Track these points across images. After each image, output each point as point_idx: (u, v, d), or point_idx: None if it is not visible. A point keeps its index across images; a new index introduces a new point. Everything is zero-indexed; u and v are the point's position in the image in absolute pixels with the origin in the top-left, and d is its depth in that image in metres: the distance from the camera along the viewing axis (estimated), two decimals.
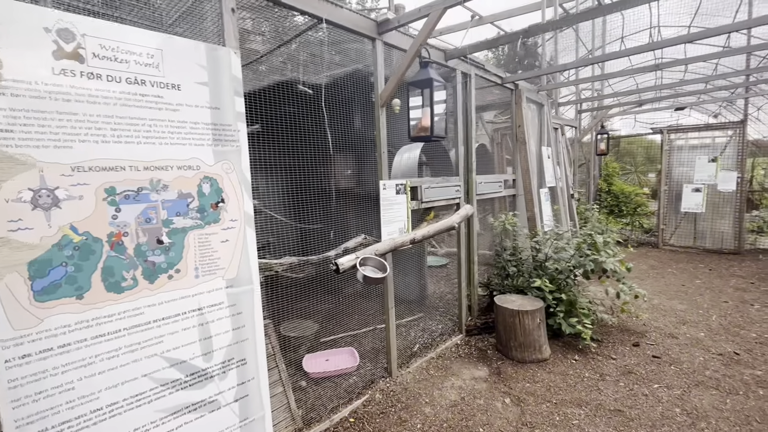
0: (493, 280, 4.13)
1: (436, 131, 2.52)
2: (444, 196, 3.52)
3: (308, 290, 3.32)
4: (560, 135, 6.17)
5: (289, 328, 3.39)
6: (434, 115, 2.49)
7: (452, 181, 3.63)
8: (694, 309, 4.71)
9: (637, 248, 8.12)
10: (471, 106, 3.88)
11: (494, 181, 4.33)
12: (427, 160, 4.07)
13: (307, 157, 3.35)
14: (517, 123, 4.76)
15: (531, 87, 5.09)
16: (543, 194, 5.04)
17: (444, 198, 3.52)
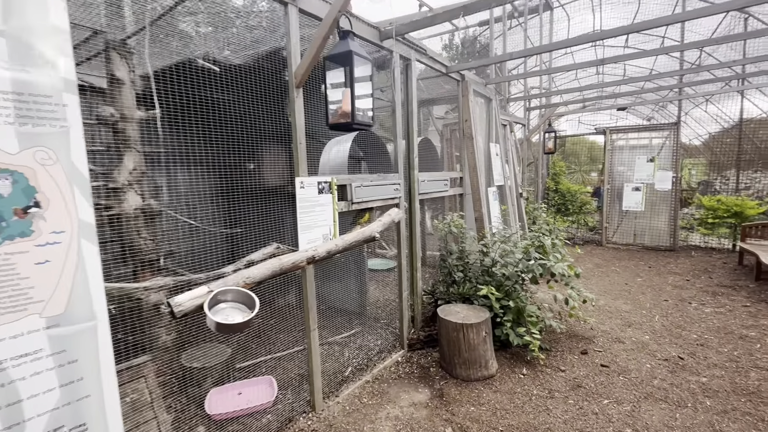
0: (439, 287, 3.77)
1: (358, 118, 2.07)
2: (380, 196, 3.08)
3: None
4: (509, 132, 5.99)
5: (193, 357, 2.79)
6: (355, 98, 2.03)
7: (390, 179, 3.21)
8: (637, 309, 4.66)
9: (583, 246, 8.25)
10: (412, 95, 3.47)
11: (439, 179, 3.97)
12: (362, 154, 3.62)
13: (216, 148, 2.77)
14: (464, 117, 4.45)
15: (479, 80, 4.81)
16: (491, 193, 4.79)
17: (380, 198, 3.08)
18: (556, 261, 3.33)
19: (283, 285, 3.19)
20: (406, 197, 3.57)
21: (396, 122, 3.28)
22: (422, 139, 4.36)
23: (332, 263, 3.50)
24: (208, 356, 2.85)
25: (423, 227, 4.99)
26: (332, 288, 3.77)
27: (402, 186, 3.34)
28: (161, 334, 2.10)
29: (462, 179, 4.57)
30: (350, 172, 3.36)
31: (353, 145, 3.20)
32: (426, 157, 4.49)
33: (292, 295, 3.62)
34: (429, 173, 3.81)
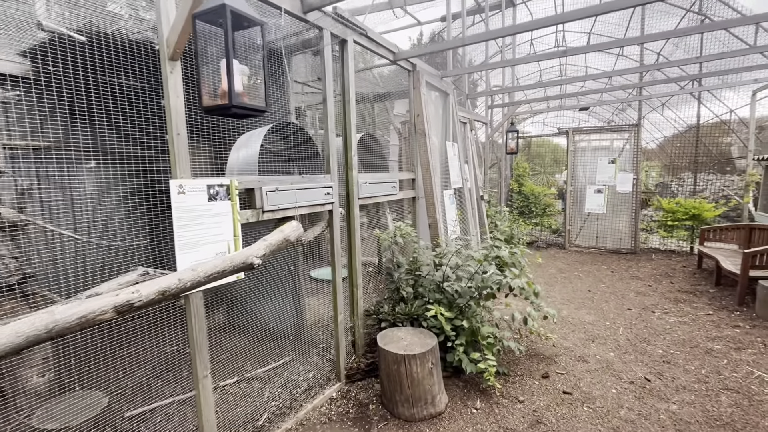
0: (383, 306, 3.27)
1: (237, 99, 1.52)
2: (306, 201, 2.54)
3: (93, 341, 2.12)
4: (469, 131, 5.60)
5: (52, 413, 2.14)
6: (232, 72, 1.48)
7: (319, 181, 2.67)
8: (601, 320, 4.37)
9: (546, 249, 8.04)
10: (349, 83, 2.96)
11: (386, 181, 3.47)
12: (282, 151, 3.06)
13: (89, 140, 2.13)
14: (416, 111, 3.98)
15: (433, 71, 4.36)
16: (447, 197, 4.35)
17: (306, 203, 2.54)
18: (514, 276, 2.91)
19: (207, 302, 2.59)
20: (343, 202, 3.05)
21: (327, 115, 2.74)
22: (364, 136, 3.86)
23: (257, 275, 2.92)
24: (75, 409, 2.20)
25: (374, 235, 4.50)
26: (257, 307, 3.18)
27: (335, 189, 2.81)
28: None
29: (414, 181, 4.10)
30: (275, 173, 2.79)
31: (277, 141, 2.64)
32: (371, 156, 3.99)
33: (221, 311, 3.02)
34: (372, 174, 3.31)
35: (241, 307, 2.96)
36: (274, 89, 3.07)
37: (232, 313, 2.92)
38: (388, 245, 3.20)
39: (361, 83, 5.09)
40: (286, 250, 2.88)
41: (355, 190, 3.05)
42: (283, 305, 3.31)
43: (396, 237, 3.19)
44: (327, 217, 2.83)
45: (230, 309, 2.96)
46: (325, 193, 2.71)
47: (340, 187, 3.04)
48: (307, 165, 2.85)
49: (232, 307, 2.97)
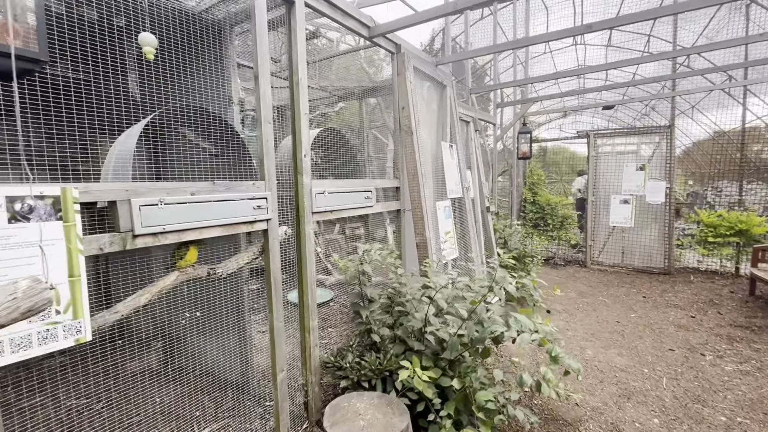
0: (347, 355, 2.45)
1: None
2: (219, 218, 1.78)
3: None
4: (472, 131, 4.80)
5: None
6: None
7: (244, 190, 1.91)
8: (637, 365, 3.46)
9: (564, 267, 7.10)
10: (297, 58, 2.21)
11: (355, 190, 2.69)
12: (210, 150, 2.30)
13: None
14: (401, 103, 3.21)
15: (425, 57, 3.59)
16: (442, 209, 3.54)
17: (218, 221, 1.78)
18: (522, 329, 2.06)
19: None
20: (292, 218, 2.29)
21: (259, 97, 1.99)
22: (326, 131, 3.10)
23: (203, 290, 2.17)
24: None
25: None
26: (187, 346, 2.42)
27: (273, 200, 2.05)
28: None
29: (399, 190, 3.31)
30: (175, 178, 2.05)
31: (183, 137, 1.90)
32: (335, 158, 3.22)
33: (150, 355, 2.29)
34: (334, 181, 2.54)
35: (159, 346, 2.21)
36: (201, 73, 2.34)
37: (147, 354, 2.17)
38: (354, 275, 2.40)
39: (345, 75, 4.37)
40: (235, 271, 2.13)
41: (307, 201, 2.28)
42: (224, 345, 2.53)
43: (364, 264, 2.39)
44: (262, 243, 2.07)
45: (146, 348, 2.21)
46: (254, 206, 1.94)
47: (288, 197, 2.28)
48: (232, 168, 2.09)
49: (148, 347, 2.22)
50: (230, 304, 2.22)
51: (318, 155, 3.28)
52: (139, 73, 2.17)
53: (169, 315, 2.07)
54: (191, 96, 2.22)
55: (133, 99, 2.16)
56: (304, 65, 2.25)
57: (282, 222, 2.29)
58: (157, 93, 1.98)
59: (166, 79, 2.00)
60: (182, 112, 2.00)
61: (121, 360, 2.24)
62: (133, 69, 2.15)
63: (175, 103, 2.01)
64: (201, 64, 2.31)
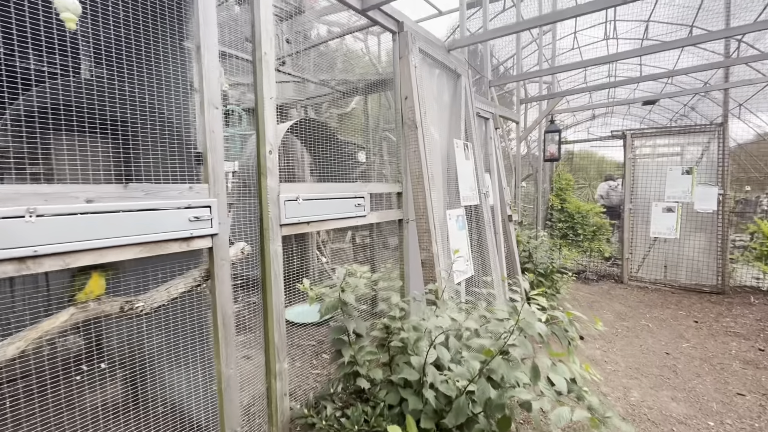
0: (326, 407, 1.92)
1: None
2: (128, 235, 1.30)
3: None
4: (492, 129, 4.21)
5: None
6: None
7: (173, 196, 1.43)
8: (699, 415, 2.77)
9: (597, 283, 6.34)
10: (260, 25, 1.72)
11: (342, 196, 2.18)
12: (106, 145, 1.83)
13: None
14: (403, 92, 2.69)
15: (434, 39, 3.06)
16: (454, 218, 2.98)
17: (129, 237, 1.30)
18: (556, 398, 1.46)
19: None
20: (254, 232, 1.79)
21: (201, 75, 1.51)
22: (305, 122, 2.60)
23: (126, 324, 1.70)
24: None
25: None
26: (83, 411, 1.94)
27: (220, 209, 1.56)
28: None
29: (401, 196, 2.78)
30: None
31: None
32: (325, 157, 2.70)
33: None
34: (311, 185, 2.03)
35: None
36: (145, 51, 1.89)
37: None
38: (332, 306, 1.87)
39: (348, 67, 3.88)
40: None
41: (273, 210, 1.78)
42: (178, 381, 2.04)
43: (346, 293, 1.85)
44: (202, 266, 1.58)
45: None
46: (190, 217, 1.45)
47: (249, 205, 1.79)
48: (162, 166, 1.60)
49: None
50: (158, 347, 1.72)
51: (293, 153, 2.79)
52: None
53: (56, 367, 1.59)
54: (126, 78, 1.77)
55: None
56: (270, 37, 1.76)
57: (246, 237, 1.80)
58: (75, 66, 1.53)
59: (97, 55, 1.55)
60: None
61: None
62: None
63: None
64: (146, 39, 1.85)
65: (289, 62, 3.43)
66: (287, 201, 1.84)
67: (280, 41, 3.08)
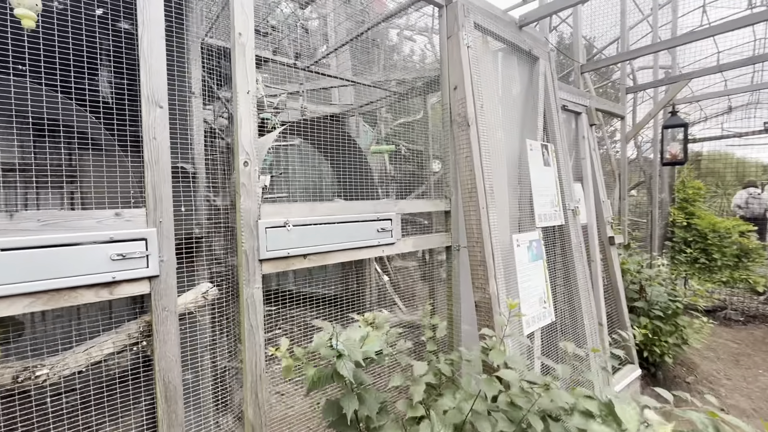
0: None
1: None
2: (18, 281, 0.94)
3: None
4: (585, 125, 3.28)
5: None
6: None
7: (87, 227, 1.05)
8: None
9: (746, 326, 4.72)
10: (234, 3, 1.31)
11: (357, 218, 1.65)
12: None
13: None
14: (451, 81, 2.07)
15: (499, 13, 2.37)
16: (525, 245, 2.22)
17: (19, 285, 0.94)
18: None
19: None
20: (222, 274, 1.37)
21: (138, 60, 1.13)
22: (309, 122, 2.11)
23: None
24: None
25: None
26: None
27: (161, 242, 1.15)
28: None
29: (449, 216, 2.13)
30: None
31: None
32: (341, 167, 2.19)
33: None
34: (312, 204, 1.53)
35: None
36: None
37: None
38: (320, 380, 1.33)
39: (400, 64, 3.38)
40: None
41: (249, 241, 1.33)
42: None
43: (342, 360, 1.30)
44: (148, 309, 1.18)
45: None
46: (114, 254, 1.07)
47: (225, 235, 1.38)
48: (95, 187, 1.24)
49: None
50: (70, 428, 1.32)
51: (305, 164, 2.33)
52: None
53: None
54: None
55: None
56: (246, 13, 1.33)
57: (219, 275, 1.39)
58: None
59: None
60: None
61: None
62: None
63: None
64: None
65: (323, 61, 3.06)
66: (271, 228, 1.38)
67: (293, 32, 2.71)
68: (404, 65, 4.06)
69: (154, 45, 1.15)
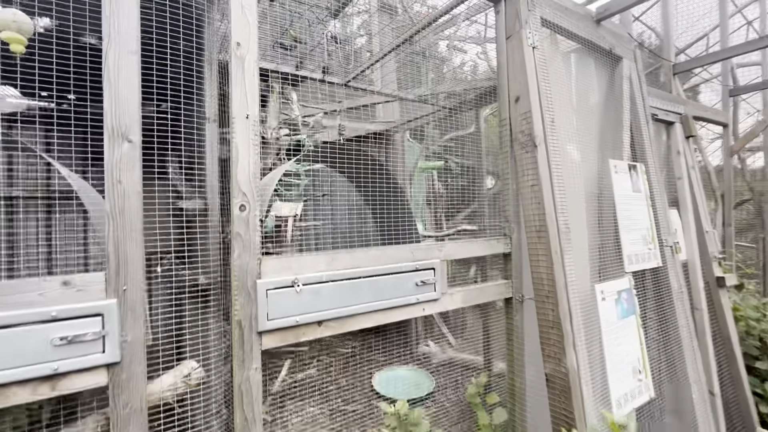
0: None
1: None
2: None
3: None
4: (680, 138, 2.66)
5: None
6: None
7: (17, 304, 0.80)
8: None
9: None
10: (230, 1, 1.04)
11: (387, 270, 1.29)
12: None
13: None
14: (511, 91, 1.66)
15: (569, 5, 1.92)
16: (611, 298, 1.71)
17: None
18: None
19: None
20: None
21: (107, 74, 0.88)
22: (331, 146, 1.78)
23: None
24: None
25: None
26: None
27: (121, 315, 0.87)
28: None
29: (509, 258, 1.69)
30: None
31: None
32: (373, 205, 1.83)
33: None
34: (332, 254, 1.20)
35: None
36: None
37: None
38: None
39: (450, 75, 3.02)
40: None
41: (244, 308, 1.02)
42: None
43: None
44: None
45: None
46: (55, 339, 0.80)
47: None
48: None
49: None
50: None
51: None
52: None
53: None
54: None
55: None
56: (251, 20, 1.05)
57: (206, 350, 1.11)
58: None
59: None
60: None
61: None
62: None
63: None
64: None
65: (362, 74, 2.78)
66: (274, 290, 1.07)
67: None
68: (454, 76, 3.68)
69: (122, 63, 0.90)
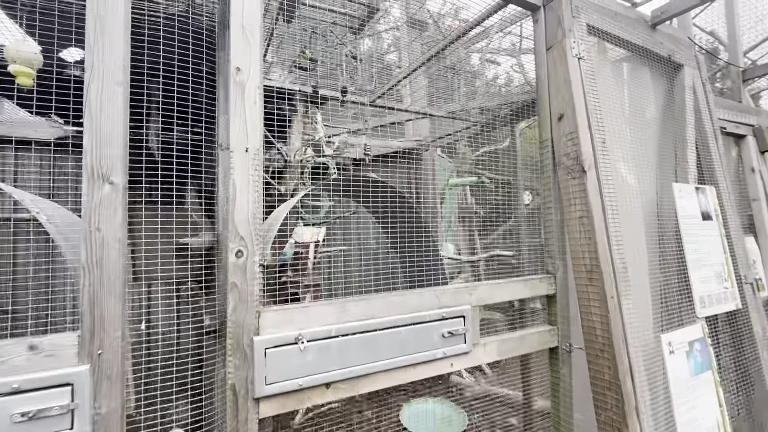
0: None
1: None
2: None
3: None
4: (753, 153, 2.30)
5: None
6: None
7: None
8: None
9: None
10: (230, 15, 0.93)
11: (408, 320, 1.10)
12: None
13: None
14: (554, 108, 1.45)
15: (619, 9, 1.69)
16: (681, 351, 1.42)
17: None
18: None
19: None
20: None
21: (87, 93, 0.79)
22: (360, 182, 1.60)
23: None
24: None
25: None
26: None
27: (94, 389, 0.75)
28: None
29: (555, 302, 1.45)
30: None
31: None
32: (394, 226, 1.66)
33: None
34: (342, 305, 1.04)
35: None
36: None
37: None
38: None
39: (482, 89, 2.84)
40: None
41: (239, 371, 0.88)
42: None
43: None
44: None
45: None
46: (15, 415, 0.69)
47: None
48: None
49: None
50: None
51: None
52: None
53: None
54: None
55: None
56: (253, 42, 0.94)
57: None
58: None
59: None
60: None
61: None
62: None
63: None
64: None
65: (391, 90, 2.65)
66: (273, 348, 0.92)
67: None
68: (487, 90, 3.49)
69: (106, 96, 0.80)
